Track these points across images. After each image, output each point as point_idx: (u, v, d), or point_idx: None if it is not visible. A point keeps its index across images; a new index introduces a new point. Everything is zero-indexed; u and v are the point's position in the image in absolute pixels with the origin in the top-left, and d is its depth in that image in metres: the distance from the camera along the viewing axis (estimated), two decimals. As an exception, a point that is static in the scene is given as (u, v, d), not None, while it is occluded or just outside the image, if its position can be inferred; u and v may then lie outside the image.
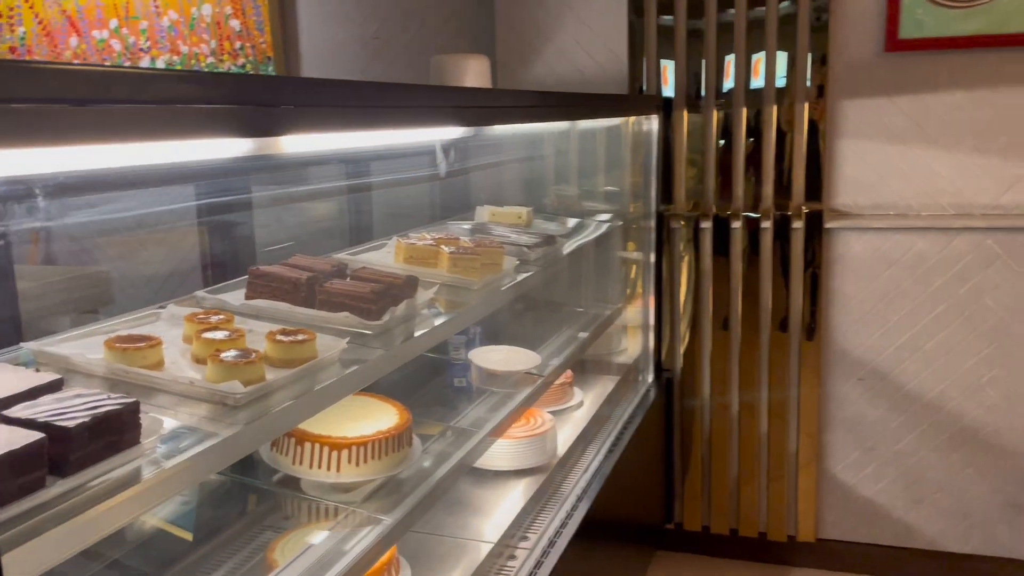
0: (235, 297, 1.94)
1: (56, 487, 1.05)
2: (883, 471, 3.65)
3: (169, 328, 1.75)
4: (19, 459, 1.00)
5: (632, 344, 3.80)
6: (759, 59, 3.45)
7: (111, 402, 1.17)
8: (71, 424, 1.08)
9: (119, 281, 3.40)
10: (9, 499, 0.99)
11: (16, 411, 1.11)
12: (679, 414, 3.78)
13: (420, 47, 3.99)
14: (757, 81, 3.47)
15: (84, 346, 1.56)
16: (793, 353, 3.60)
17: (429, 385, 2.90)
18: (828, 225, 3.48)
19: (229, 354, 1.46)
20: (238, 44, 4.14)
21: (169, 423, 1.34)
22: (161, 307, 1.84)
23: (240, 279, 2.08)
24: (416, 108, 1.72)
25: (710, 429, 3.75)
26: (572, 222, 3.48)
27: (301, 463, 1.90)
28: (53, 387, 1.21)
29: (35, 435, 1.03)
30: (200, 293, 1.94)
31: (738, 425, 3.72)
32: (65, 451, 1.08)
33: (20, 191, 1.62)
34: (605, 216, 3.59)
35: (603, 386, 3.50)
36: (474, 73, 3.19)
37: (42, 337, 1.62)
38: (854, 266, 3.51)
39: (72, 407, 1.13)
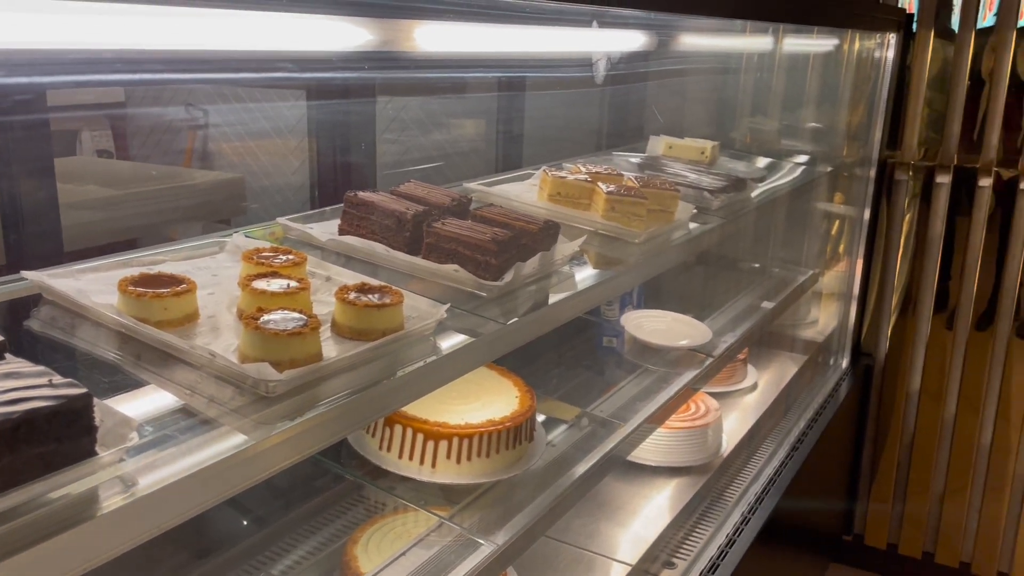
0: (327, 229, 1.52)
1: (-78, 531, 0.66)
2: None
3: (230, 264, 1.35)
4: None
5: (825, 317, 3.14)
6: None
7: (46, 392, 0.76)
8: (-41, 431, 0.68)
9: (256, 192, 3.11)
10: None
11: (-101, 397, 0.72)
12: (875, 407, 3.10)
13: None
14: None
15: (106, 281, 1.18)
16: (1040, 351, 2.82)
17: (569, 345, 2.41)
18: (1117, 191, 2.64)
19: (272, 318, 1.03)
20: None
21: (169, 414, 0.94)
22: (228, 235, 1.45)
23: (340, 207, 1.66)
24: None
25: (915, 430, 3.06)
26: (765, 163, 2.84)
27: (389, 450, 1.48)
28: (-14, 355, 0.82)
29: None
30: (284, 220, 1.53)
31: (953, 429, 3.00)
32: (-52, 473, 0.68)
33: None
34: (808, 159, 2.91)
35: (782, 366, 2.89)
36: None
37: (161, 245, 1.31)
38: None
39: (-15, 397, 0.74)
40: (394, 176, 2.05)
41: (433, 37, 1.51)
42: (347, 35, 1.31)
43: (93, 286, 1.15)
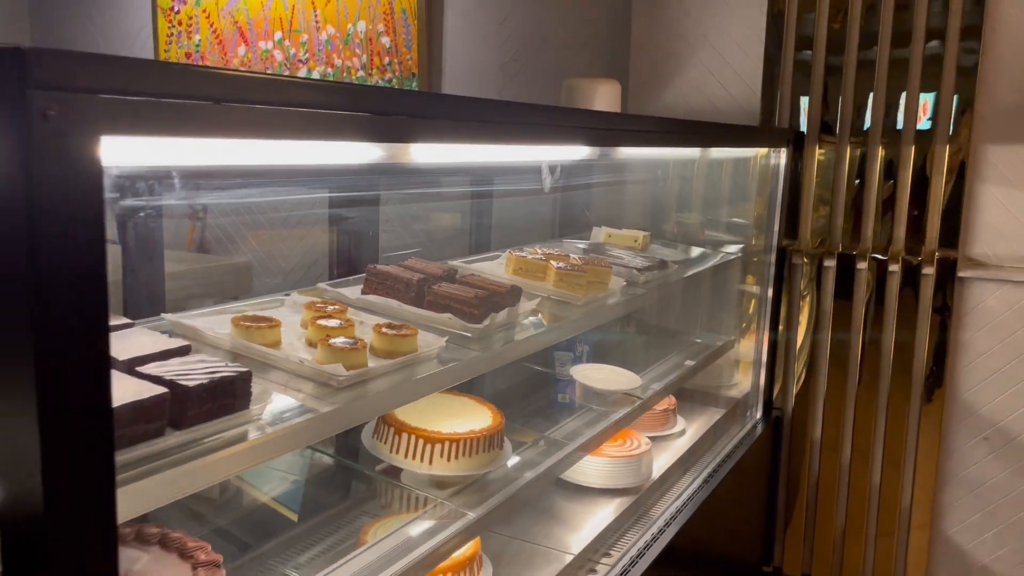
0: (353, 291, 2.09)
1: (173, 437, 1.20)
2: (1004, 538, 3.42)
3: (291, 313, 1.91)
4: (145, 409, 1.15)
5: (744, 379, 3.75)
6: (900, 99, 3.36)
7: (228, 370, 1.31)
8: (191, 384, 1.23)
9: (260, 272, 3.68)
10: (133, 442, 1.14)
11: (147, 368, 1.27)
12: (787, 454, 3.68)
13: (555, 72, 4.11)
14: (896, 122, 3.37)
15: (215, 322, 1.73)
16: (914, 404, 3.44)
17: (533, 397, 2.98)
18: (962, 274, 3.32)
19: (337, 340, 1.59)
20: (387, 60, 4.41)
21: (278, 396, 1.49)
22: (287, 294, 2.01)
23: (360, 276, 2.24)
24: (525, 124, 1.82)
25: (819, 474, 3.64)
26: (694, 251, 3.49)
27: (397, 452, 2.02)
28: (182, 351, 1.37)
29: (160, 390, 1.18)
30: (322, 285, 2.10)
31: (848, 473, 3.59)
32: (184, 407, 1.22)
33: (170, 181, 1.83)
34: (725, 247, 3.57)
35: (709, 417, 3.47)
36: (604, 97, 3.26)
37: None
38: (987, 319, 3.33)
39: (194, 370, 1.29)
40: (393, 257, 2.64)
41: (423, 154, 2.12)
42: (364, 153, 1.91)
43: (206, 325, 1.71)
